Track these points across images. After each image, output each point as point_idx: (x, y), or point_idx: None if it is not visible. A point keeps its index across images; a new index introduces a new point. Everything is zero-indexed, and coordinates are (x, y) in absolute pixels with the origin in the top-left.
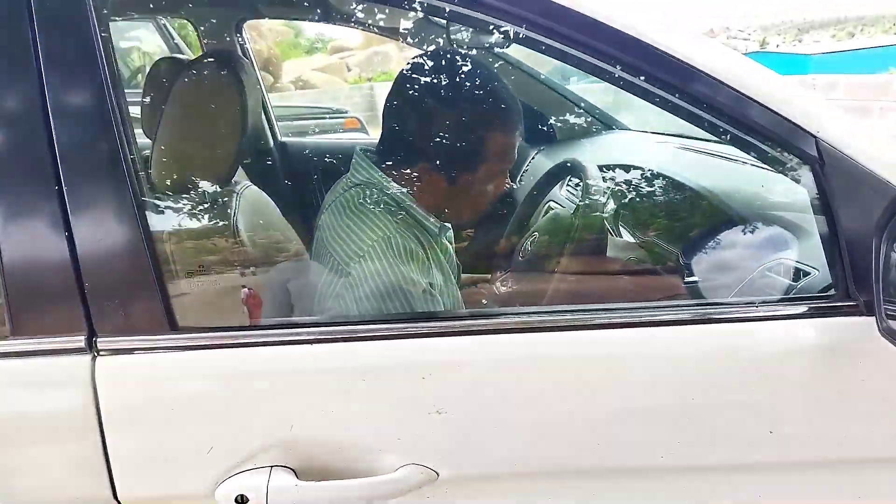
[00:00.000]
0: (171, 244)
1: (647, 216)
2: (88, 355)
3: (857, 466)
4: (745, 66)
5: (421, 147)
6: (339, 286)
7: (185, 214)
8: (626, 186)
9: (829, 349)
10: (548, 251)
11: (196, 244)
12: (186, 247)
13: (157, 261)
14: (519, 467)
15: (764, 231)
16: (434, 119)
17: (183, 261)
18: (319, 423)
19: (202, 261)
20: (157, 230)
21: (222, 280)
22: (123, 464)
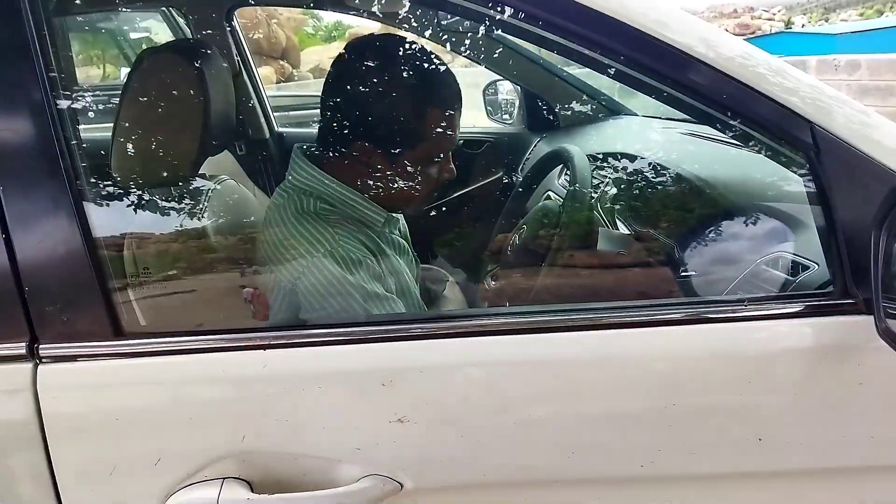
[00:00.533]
0: (119, 245)
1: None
2: (30, 362)
3: (855, 474)
4: (735, 49)
5: (356, 133)
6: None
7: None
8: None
9: (826, 350)
10: (534, 245)
11: (150, 244)
12: (139, 247)
13: (101, 263)
14: (488, 477)
15: (763, 223)
16: (366, 102)
17: (133, 262)
18: (273, 433)
19: (154, 262)
20: (102, 230)
21: (174, 281)
22: (68, 475)
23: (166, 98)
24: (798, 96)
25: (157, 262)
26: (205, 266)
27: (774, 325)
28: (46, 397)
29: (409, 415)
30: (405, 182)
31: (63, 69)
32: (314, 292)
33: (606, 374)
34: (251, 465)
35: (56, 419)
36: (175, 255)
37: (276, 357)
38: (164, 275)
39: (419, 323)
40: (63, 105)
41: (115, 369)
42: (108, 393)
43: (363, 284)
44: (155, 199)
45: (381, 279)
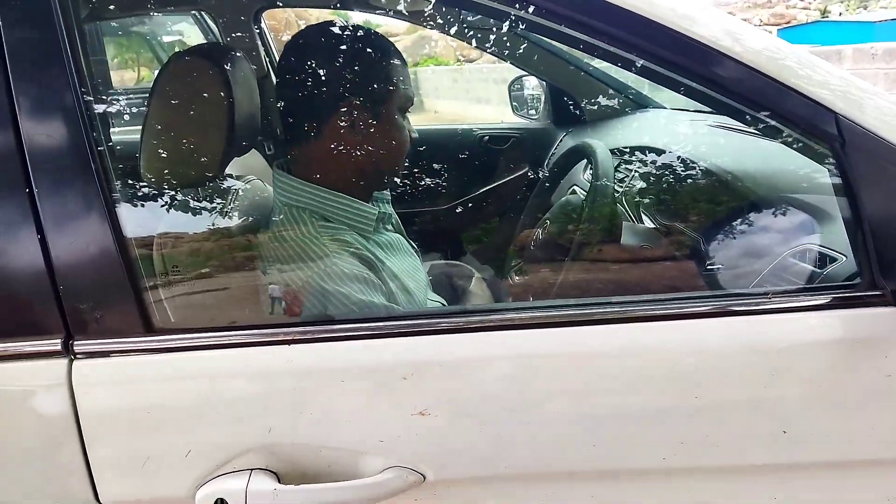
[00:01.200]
0: (150, 243)
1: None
2: (65, 358)
3: (883, 468)
4: (757, 40)
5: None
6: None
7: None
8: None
9: (853, 342)
10: (557, 240)
11: (177, 243)
12: (167, 246)
13: (132, 262)
14: (509, 470)
15: (790, 215)
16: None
17: (162, 261)
18: (299, 425)
19: (182, 260)
20: (132, 230)
21: (202, 279)
22: (103, 467)
23: (192, 100)
24: (823, 87)
25: (185, 260)
26: (232, 264)
27: (800, 318)
28: (81, 392)
29: (430, 408)
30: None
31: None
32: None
33: (629, 367)
34: (278, 457)
35: (91, 413)
36: (203, 253)
37: (300, 352)
38: (192, 272)
39: (439, 317)
40: (94, 108)
41: (147, 364)
42: (140, 387)
43: (360, 297)
44: (183, 199)
45: (381, 288)
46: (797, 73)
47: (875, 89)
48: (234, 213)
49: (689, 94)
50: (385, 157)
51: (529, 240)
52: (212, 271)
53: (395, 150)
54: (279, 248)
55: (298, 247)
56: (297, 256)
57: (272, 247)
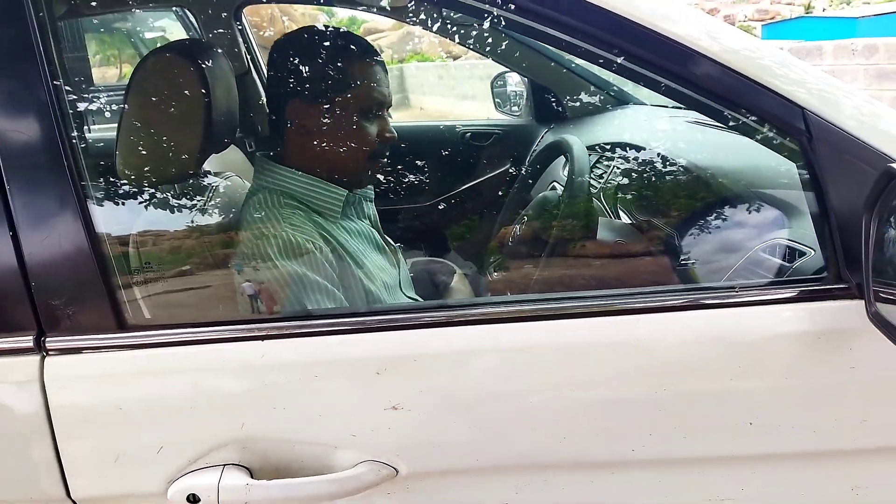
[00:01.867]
0: (123, 241)
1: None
2: (37, 355)
3: (847, 457)
4: (732, 39)
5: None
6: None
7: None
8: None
9: (819, 335)
10: (534, 235)
11: (152, 239)
12: (141, 242)
13: (105, 258)
14: (481, 462)
15: (761, 210)
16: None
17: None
18: (272, 420)
19: (156, 256)
20: (105, 226)
21: (175, 276)
22: (75, 463)
23: (168, 96)
24: (792, 84)
25: (159, 256)
26: (206, 260)
27: (768, 311)
28: (53, 388)
29: (403, 402)
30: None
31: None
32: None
33: (601, 360)
34: (251, 452)
35: (62, 410)
36: (177, 249)
37: (273, 347)
38: (165, 269)
39: (413, 313)
40: (68, 104)
41: (119, 361)
42: (112, 384)
43: (292, 269)
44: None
45: (325, 269)
46: (768, 70)
47: (839, 83)
48: (210, 210)
49: (665, 92)
50: (346, 156)
51: (508, 235)
52: (185, 268)
53: (354, 150)
54: (247, 225)
55: (260, 219)
56: (260, 230)
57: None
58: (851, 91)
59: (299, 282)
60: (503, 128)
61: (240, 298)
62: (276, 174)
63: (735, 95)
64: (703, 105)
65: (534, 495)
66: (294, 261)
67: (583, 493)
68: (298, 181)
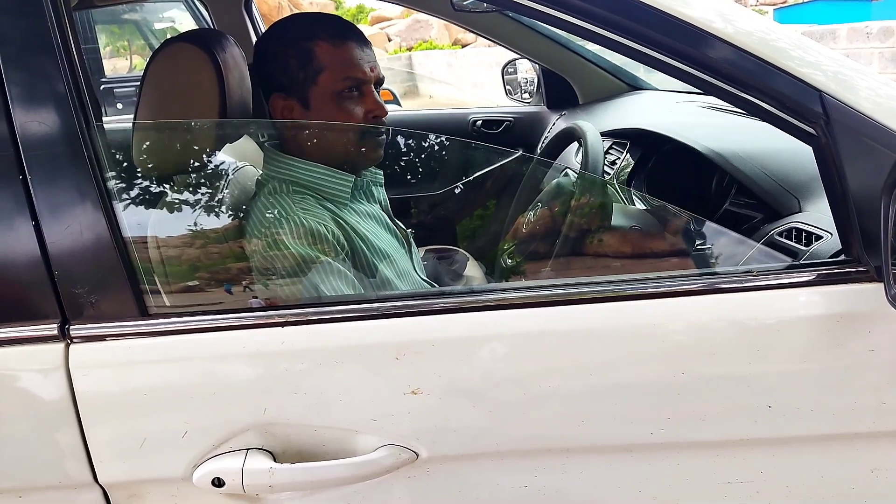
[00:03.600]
0: (143, 229)
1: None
2: (62, 343)
3: (865, 441)
4: (746, 21)
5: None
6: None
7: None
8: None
9: (837, 318)
10: (549, 221)
11: (171, 228)
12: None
13: (126, 246)
14: (500, 446)
15: (778, 194)
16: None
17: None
18: (293, 406)
19: (176, 244)
20: (126, 215)
21: (196, 263)
22: (101, 448)
23: (182, 86)
24: (809, 66)
25: (178, 245)
26: (224, 248)
27: (786, 294)
28: (78, 375)
29: (423, 387)
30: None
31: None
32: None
33: (618, 345)
34: (273, 437)
35: (88, 396)
36: (196, 237)
37: (293, 334)
38: (186, 257)
39: (431, 298)
40: (86, 94)
41: (142, 347)
42: (136, 370)
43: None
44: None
45: (339, 252)
46: (783, 52)
47: (857, 66)
48: (227, 198)
49: (679, 76)
50: (336, 140)
51: (522, 222)
52: (205, 255)
53: (342, 133)
54: (258, 213)
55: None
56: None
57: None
58: (868, 73)
59: (314, 265)
60: (514, 115)
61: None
62: (283, 163)
63: (750, 78)
64: (718, 88)
65: (552, 478)
66: (307, 245)
67: (600, 477)
68: (305, 169)
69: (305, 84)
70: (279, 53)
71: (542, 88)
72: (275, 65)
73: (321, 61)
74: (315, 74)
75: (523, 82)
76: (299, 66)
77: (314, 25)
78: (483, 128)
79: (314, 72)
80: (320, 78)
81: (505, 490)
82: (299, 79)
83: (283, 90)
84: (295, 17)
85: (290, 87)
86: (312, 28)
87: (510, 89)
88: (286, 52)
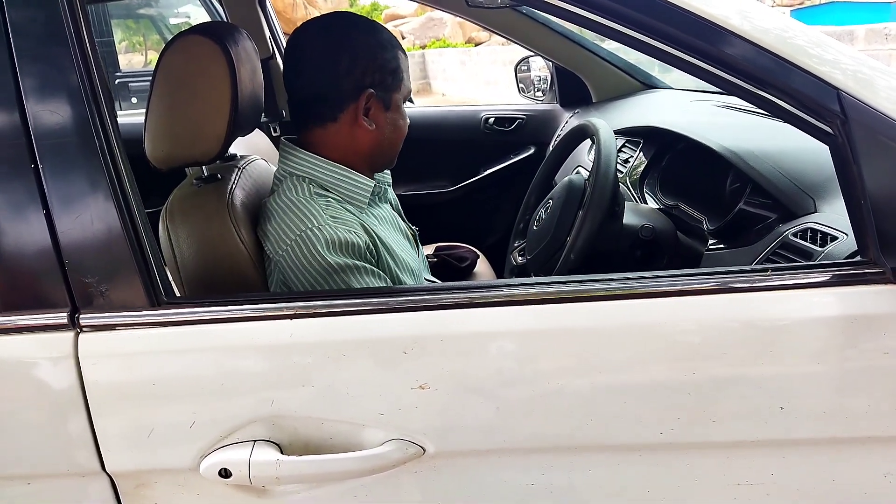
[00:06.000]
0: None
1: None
2: (72, 331)
3: (880, 444)
4: (765, 19)
5: (326, 115)
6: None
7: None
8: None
9: (852, 319)
10: (560, 219)
11: (182, 218)
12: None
13: (137, 236)
14: (507, 443)
15: (793, 194)
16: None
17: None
18: (302, 398)
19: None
20: (137, 206)
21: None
22: (109, 438)
23: (195, 79)
24: (826, 64)
25: (188, 235)
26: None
27: (800, 295)
28: (87, 364)
29: (430, 382)
30: (393, 135)
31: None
32: (298, 265)
33: (629, 343)
34: (280, 429)
35: (97, 385)
36: (207, 228)
37: (302, 326)
38: (195, 247)
39: (440, 293)
40: (98, 84)
41: (152, 338)
42: (145, 360)
43: (339, 262)
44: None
45: (366, 256)
46: (802, 50)
47: (877, 65)
48: (237, 192)
49: (696, 72)
50: (389, 142)
51: (533, 219)
52: (215, 246)
53: (399, 134)
54: (276, 212)
55: (295, 208)
56: (293, 217)
57: (270, 210)
58: (888, 71)
59: (352, 273)
60: (527, 112)
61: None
62: (303, 161)
63: (767, 75)
64: (735, 86)
65: (559, 477)
66: (343, 255)
67: (608, 476)
68: (328, 170)
69: (393, 86)
70: (378, 51)
71: (556, 86)
72: (373, 62)
73: (401, 68)
74: (399, 80)
75: (536, 80)
76: (394, 69)
77: (382, 31)
78: (495, 125)
79: (399, 77)
80: (402, 84)
81: (512, 487)
82: (388, 81)
83: (375, 87)
84: (366, 20)
85: (380, 85)
86: (382, 33)
87: (523, 87)
88: (384, 51)
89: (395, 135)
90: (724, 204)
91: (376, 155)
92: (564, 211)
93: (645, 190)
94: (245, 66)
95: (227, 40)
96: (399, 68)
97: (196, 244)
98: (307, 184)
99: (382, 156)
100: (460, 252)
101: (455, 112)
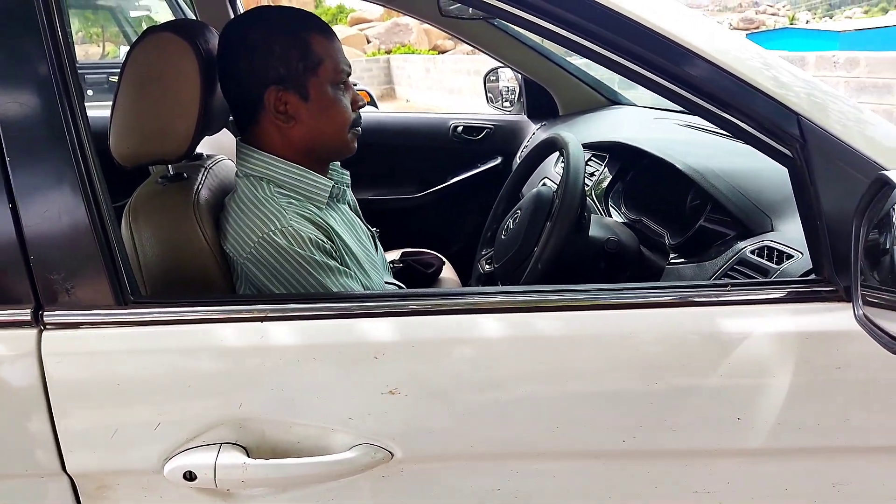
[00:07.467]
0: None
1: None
2: (35, 329)
3: (830, 455)
4: (728, 41)
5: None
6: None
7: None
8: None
9: (806, 335)
10: (528, 230)
11: (149, 217)
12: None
13: (104, 233)
14: (475, 448)
15: (752, 212)
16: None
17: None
18: (269, 401)
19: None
20: (104, 202)
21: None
22: (70, 437)
23: (165, 76)
24: (786, 89)
25: (152, 234)
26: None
27: (757, 310)
28: (50, 363)
29: (399, 387)
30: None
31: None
32: (268, 266)
33: (593, 353)
34: (247, 432)
35: (59, 384)
36: (174, 228)
37: (272, 329)
38: (159, 247)
39: (411, 299)
40: (70, 76)
41: (117, 337)
42: (110, 359)
43: (314, 258)
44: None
45: (333, 255)
46: (763, 74)
47: (834, 92)
48: (203, 192)
49: (660, 91)
50: (323, 132)
51: (501, 229)
52: (180, 247)
53: (333, 122)
54: (237, 212)
55: (257, 208)
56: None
57: (230, 211)
58: (837, 96)
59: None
60: (495, 122)
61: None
62: (258, 161)
63: (729, 98)
64: (697, 106)
65: (524, 483)
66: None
67: (572, 482)
68: (283, 170)
69: (305, 75)
70: (275, 44)
71: (524, 98)
72: (270, 56)
73: (318, 53)
74: (315, 66)
75: (505, 91)
76: (300, 57)
77: (303, 18)
78: (463, 133)
79: (314, 63)
80: (320, 69)
81: (477, 492)
82: (298, 70)
83: (280, 82)
84: (278, 9)
85: (287, 78)
86: (304, 20)
87: (491, 97)
88: (286, 42)
89: (327, 123)
90: (685, 220)
91: (317, 148)
92: (532, 221)
93: (609, 203)
94: (213, 65)
95: (198, 38)
96: (311, 52)
97: (160, 244)
98: (266, 183)
99: (324, 147)
100: (426, 258)
101: (424, 119)
